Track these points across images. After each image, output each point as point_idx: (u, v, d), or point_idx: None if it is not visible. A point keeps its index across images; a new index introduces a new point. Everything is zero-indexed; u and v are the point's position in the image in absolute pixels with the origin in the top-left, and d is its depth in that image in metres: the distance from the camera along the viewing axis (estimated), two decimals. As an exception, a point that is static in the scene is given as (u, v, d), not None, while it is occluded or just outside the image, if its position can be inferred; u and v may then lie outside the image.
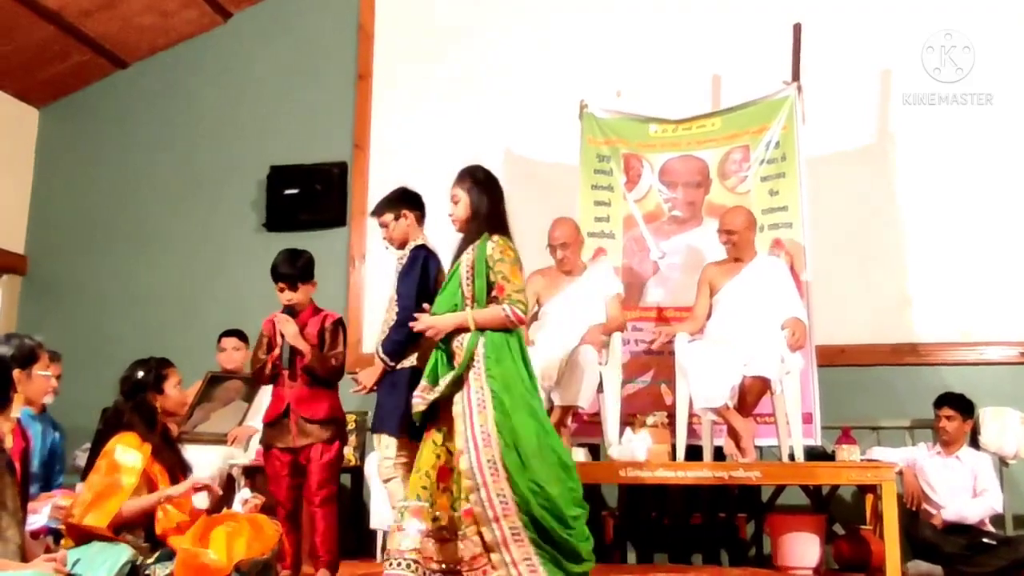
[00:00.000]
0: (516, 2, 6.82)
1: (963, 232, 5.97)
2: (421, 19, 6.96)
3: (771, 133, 5.62)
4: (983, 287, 5.89)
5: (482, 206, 3.77)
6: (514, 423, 3.47)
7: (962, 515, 4.87)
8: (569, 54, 6.62)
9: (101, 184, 7.27)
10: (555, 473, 3.48)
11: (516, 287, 3.63)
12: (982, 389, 5.42)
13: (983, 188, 6.00)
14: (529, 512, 3.38)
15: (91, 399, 5.33)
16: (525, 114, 6.60)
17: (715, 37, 6.44)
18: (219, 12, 7.17)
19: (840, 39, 6.25)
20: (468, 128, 6.64)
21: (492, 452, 3.45)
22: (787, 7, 6.15)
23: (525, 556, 3.39)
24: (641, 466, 4.77)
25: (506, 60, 6.74)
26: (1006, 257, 5.91)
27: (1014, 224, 5.94)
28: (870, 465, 4.76)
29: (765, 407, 5.11)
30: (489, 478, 3.44)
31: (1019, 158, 6.00)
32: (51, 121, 7.47)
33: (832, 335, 5.67)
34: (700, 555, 5.52)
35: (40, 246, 7.26)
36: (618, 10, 6.62)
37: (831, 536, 5.13)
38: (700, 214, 5.77)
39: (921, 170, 6.08)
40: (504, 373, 3.55)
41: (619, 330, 5.24)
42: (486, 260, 3.65)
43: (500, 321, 3.59)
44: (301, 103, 7.04)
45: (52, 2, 6.45)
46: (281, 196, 6.79)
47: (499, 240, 3.69)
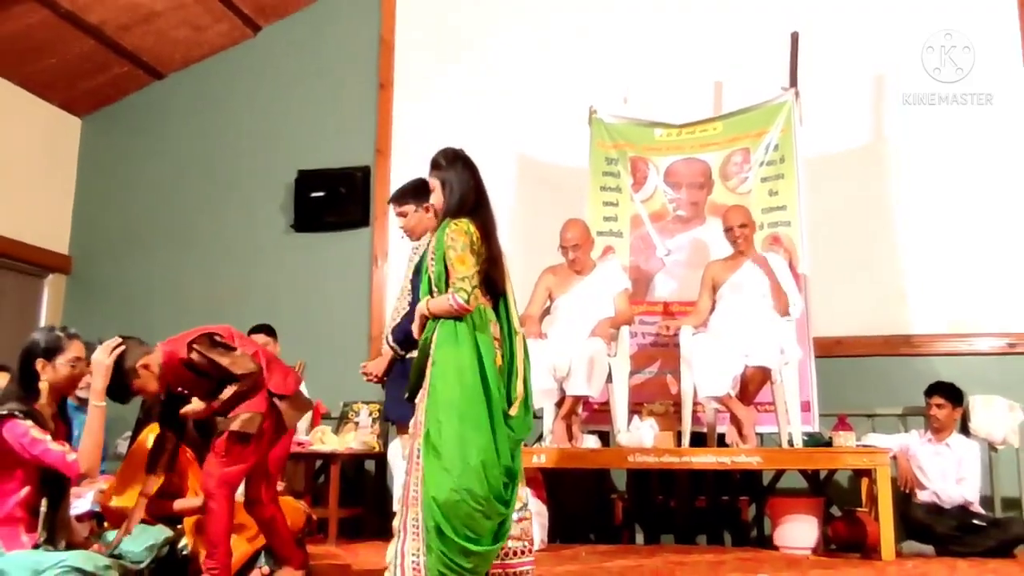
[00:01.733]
0: (528, 15, 6.82)
1: (953, 229, 5.95)
2: (439, 31, 6.98)
3: (770, 136, 5.62)
4: (972, 281, 5.87)
5: (449, 190, 3.43)
6: (438, 412, 3.18)
7: (940, 498, 4.87)
8: (578, 63, 6.61)
9: (140, 189, 7.32)
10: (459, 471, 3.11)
11: (461, 274, 3.26)
12: (971, 378, 5.41)
13: (972, 187, 5.97)
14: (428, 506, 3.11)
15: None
16: (537, 120, 6.61)
17: (717, 45, 6.43)
18: (249, 25, 7.20)
19: (835, 46, 6.23)
20: (483, 133, 6.63)
21: (419, 440, 3.22)
22: (785, 16, 6.16)
23: (414, 551, 3.13)
24: (648, 452, 4.78)
25: (519, 69, 6.74)
26: (994, 252, 5.88)
27: (1002, 221, 5.91)
28: (865, 451, 4.76)
29: (765, 396, 5.12)
30: (414, 464, 3.22)
31: (1006, 158, 5.97)
32: (93, 130, 7.52)
33: (829, 327, 5.67)
34: (704, 536, 5.54)
35: (83, 247, 7.31)
36: (625, 21, 6.61)
37: (828, 518, 5.12)
38: (703, 213, 5.78)
39: (913, 170, 6.06)
40: (444, 360, 3.24)
41: (627, 324, 5.24)
42: (443, 247, 3.34)
43: (447, 309, 3.26)
44: (326, 111, 7.06)
45: (93, 17, 6.50)
46: (308, 199, 6.82)
47: (454, 225, 3.34)
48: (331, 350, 6.34)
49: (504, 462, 3.19)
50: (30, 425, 3.11)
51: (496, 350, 3.32)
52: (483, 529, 3.12)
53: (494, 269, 3.39)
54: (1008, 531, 4.77)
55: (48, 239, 7.10)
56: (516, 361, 3.36)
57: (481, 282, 3.33)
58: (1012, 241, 5.87)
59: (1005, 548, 4.71)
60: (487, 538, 3.14)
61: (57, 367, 3.26)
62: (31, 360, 3.24)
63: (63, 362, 3.26)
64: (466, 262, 3.28)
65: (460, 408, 3.18)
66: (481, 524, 3.11)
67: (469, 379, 3.21)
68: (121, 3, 6.48)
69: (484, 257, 3.34)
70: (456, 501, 3.07)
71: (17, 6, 6.12)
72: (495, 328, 3.36)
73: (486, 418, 3.19)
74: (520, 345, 3.40)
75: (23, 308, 6.89)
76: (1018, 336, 5.77)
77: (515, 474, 3.26)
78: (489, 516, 3.13)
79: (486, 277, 3.36)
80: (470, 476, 3.10)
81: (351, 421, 5.83)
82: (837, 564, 4.29)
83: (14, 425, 3.10)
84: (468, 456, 3.12)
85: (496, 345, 3.32)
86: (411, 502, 3.17)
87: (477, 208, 3.41)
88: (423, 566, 3.09)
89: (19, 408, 3.15)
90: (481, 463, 3.12)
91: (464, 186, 3.41)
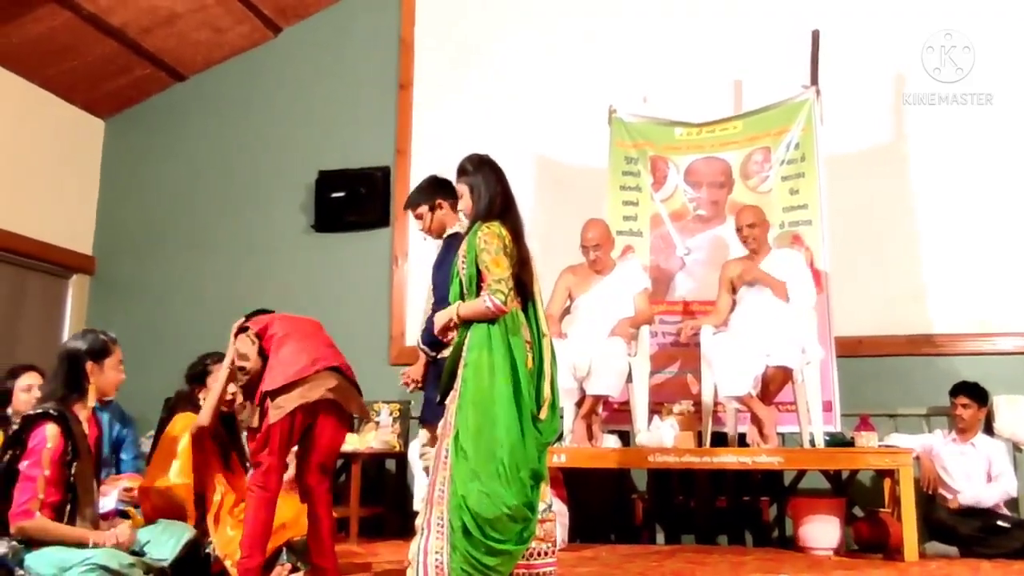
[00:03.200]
0: (546, 16, 6.80)
1: (975, 226, 5.89)
2: (458, 32, 6.97)
3: (791, 135, 5.59)
4: (995, 279, 5.81)
5: (478, 195, 3.46)
6: (469, 414, 3.19)
7: (979, 499, 4.81)
8: (597, 62, 6.59)
9: (162, 189, 7.36)
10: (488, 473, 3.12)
11: (496, 276, 3.27)
12: (996, 378, 5.35)
13: (994, 184, 5.91)
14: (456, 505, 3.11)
15: (153, 389, 5.38)
16: (555, 121, 6.58)
17: (736, 44, 6.39)
18: (270, 27, 7.22)
19: (856, 44, 6.18)
20: (502, 134, 6.64)
21: (448, 441, 3.21)
22: (805, 14, 6.12)
23: (437, 549, 3.12)
24: (669, 452, 4.77)
25: (537, 70, 6.73)
26: (1017, 250, 5.82)
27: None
28: (888, 451, 4.73)
29: (787, 396, 5.09)
30: (441, 463, 3.21)
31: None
32: (115, 131, 7.56)
33: (850, 327, 5.62)
34: (725, 537, 5.50)
35: (107, 248, 7.36)
36: (644, 20, 6.58)
37: (851, 518, 5.09)
38: (723, 212, 5.74)
39: (934, 168, 6.00)
40: (477, 363, 3.24)
41: (647, 323, 5.23)
42: (475, 250, 3.35)
43: (482, 312, 3.27)
44: (346, 112, 7.08)
45: (115, 20, 6.53)
46: (328, 199, 6.84)
47: (486, 228, 3.36)
48: (351, 350, 6.20)
49: (531, 465, 3.19)
50: (50, 448, 3.16)
51: (527, 353, 3.32)
52: (509, 531, 3.12)
53: (524, 271, 3.38)
54: (1033, 533, 4.72)
55: (72, 240, 7.15)
56: (544, 364, 3.36)
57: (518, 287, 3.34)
58: (1036, 239, 5.82)
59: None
60: (513, 539, 3.13)
61: (105, 370, 3.35)
62: (80, 363, 3.32)
63: (110, 365, 3.38)
64: (501, 264, 3.29)
65: (491, 411, 3.18)
66: (508, 526, 3.11)
67: (501, 382, 3.20)
68: (143, 6, 6.51)
69: (515, 260, 3.34)
70: (484, 503, 3.07)
71: (40, 8, 6.16)
72: (526, 331, 3.36)
73: (516, 421, 3.18)
74: (548, 348, 3.40)
75: (48, 308, 6.94)
76: (1043, 335, 5.71)
77: (541, 477, 3.26)
78: (516, 518, 3.12)
79: (518, 280, 3.35)
80: (499, 478, 3.11)
81: (372, 421, 5.83)
82: (859, 565, 4.26)
83: (42, 433, 3.17)
84: (497, 458, 3.12)
85: (527, 348, 3.32)
86: (436, 500, 3.16)
87: (506, 211, 3.42)
88: (446, 565, 3.08)
89: (55, 408, 3.23)
90: (510, 466, 3.13)
91: (492, 190, 3.42)
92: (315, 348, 3.55)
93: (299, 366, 3.42)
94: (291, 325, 3.63)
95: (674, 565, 4.15)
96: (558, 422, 3.43)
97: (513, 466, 3.14)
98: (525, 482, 3.16)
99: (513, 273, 3.32)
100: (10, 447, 3.21)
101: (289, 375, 3.38)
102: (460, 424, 3.18)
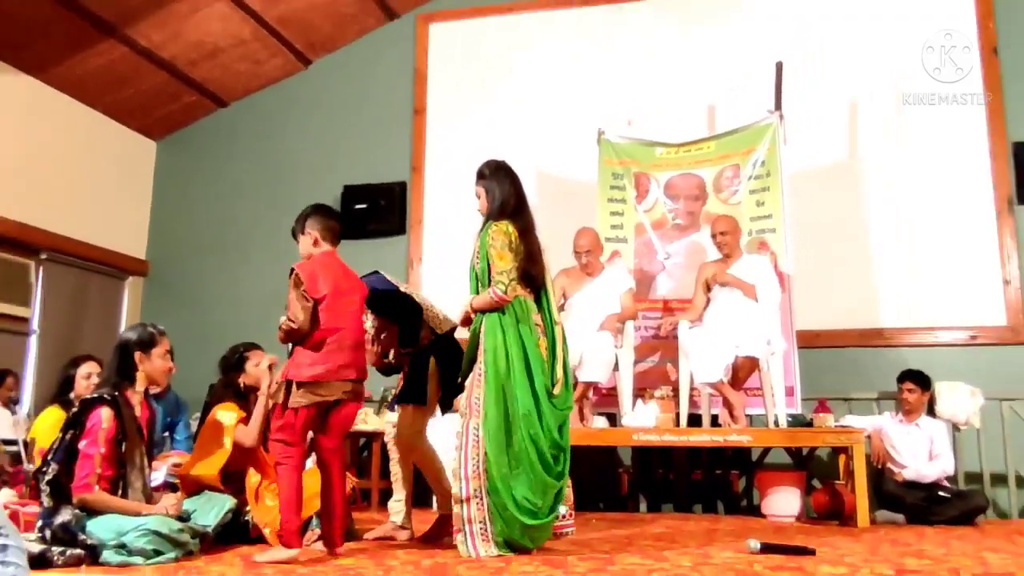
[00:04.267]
0: (544, 50, 6.81)
1: (920, 234, 5.90)
2: (466, 63, 6.98)
3: (757, 154, 5.58)
4: (937, 281, 5.82)
5: (492, 197, 3.42)
6: (492, 394, 3.18)
7: (921, 476, 4.81)
8: (589, 91, 6.60)
9: (206, 202, 7.37)
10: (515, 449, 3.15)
11: (500, 268, 3.26)
12: (937, 366, 5.34)
13: (936, 198, 5.92)
14: (492, 479, 3.12)
15: (198, 376, 5.39)
16: (552, 141, 6.60)
17: (709, 74, 6.40)
18: (301, 60, 7.23)
19: (815, 75, 6.19)
20: (505, 152, 6.52)
21: (477, 420, 3.19)
22: (770, 47, 6.13)
23: (481, 519, 3.12)
24: (650, 431, 4.77)
25: (535, 97, 6.74)
26: (957, 254, 5.83)
27: (963, 226, 5.85)
28: (842, 431, 4.72)
29: (754, 382, 5.09)
30: (471, 441, 3.18)
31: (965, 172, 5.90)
32: (166, 151, 7.58)
33: (810, 322, 5.63)
34: (700, 505, 5.51)
35: (159, 253, 7.37)
36: (629, 55, 6.60)
37: (810, 489, 5.09)
38: (698, 222, 5.74)
39: (884, 183, 6.02)
40: (494, 348, 3.22)
41: (632, 319, 5.23)
42: (485, 245, 3.34)
43: (488, 302, 3.26)
44: (368, 134, 7.08)
45: (166, 53, 6.55)
46: (352, 210, 6.84)
47: (495, 226, 3.34)
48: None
49: (552, 436, 3.21)
50: (105, 428, 3.16)
51: (540, 336, 3.32)
52: (541, 500, 3.15)
53: (533, 265, 3.36)
54: (970, 502, 4.72)
55: (128, 246, 7.17)
56: (557, 347, 3.36)
57: (521, 277, 3.32)
58: (972, 243, 5.82)
59: (968, 517, 4.66)
60: (544, 509, 3.17)
61: (153, 359, 3.34)
62: (130, 353, 3.31)
63: (157, 354, 3.36)
64: (504, 258, 3.28)
65: (510, 390, 3.19)
66: (538, 496, 3.14)
67: (516, 364, 3.22)
68: (190, 41, 6.53)
69: (523, 255, 3.32)
70: (514, 476, 3.11)
71: (101, 44, 6.18)
72: (538, 318, 3.36)
73: (530, 398, 3.19)
74: (560, 334, 3.39)
75: (107, 306, 6.95)
76: (979, 329, 5.71)
77: (563, 448, 3.27)
78: (545, 488, 3.15)
79: (526, 273, 3.33)
80: (524, 452, 3.14)
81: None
82: (817, 530, 4.26)
83: (98, 415, 3.17)
84: (521, 433, 3.15)
85: (540, 332, 3.32)
86: (472, 476, 3.15)
87: (517, 211, 3.40)
88: (491, 532, 3.12)
89: (108, 393, 3.23)
90: (531, 438, 3.15)
91: (505, 193, 3.41)
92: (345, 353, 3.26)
93: (326, 367, 3.19)
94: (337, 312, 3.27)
95: (655, 530, 4.15)
96: (572, 397, 3.45)
97: (533, 438, 3.15)
98: (546, 453, 3.18)
99: (519, 267, 3.31)
100: (70, 428, 3.21)
101: (316, 373, 3.18)
102: (487, 404, 3.18)
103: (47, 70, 6.25)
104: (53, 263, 6.37)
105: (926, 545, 3.59)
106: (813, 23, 6.30)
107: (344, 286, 3.34)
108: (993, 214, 5.81)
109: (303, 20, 6.82)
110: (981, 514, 4.74)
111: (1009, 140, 5.85)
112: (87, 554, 2.98)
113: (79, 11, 5.82)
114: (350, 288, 3.38)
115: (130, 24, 6.14)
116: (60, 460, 3.16)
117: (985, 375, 5.38)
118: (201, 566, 2.97)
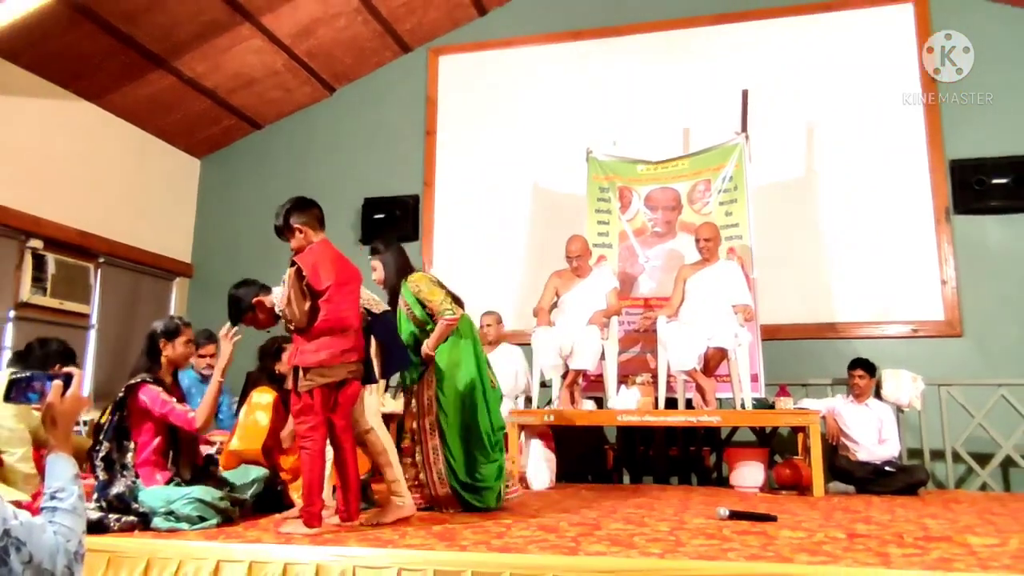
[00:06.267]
0: (541, 80, 6.80)
1: (868, 240, 5.89)
2: (472, 91, 6.97)
3: (726, 170, 5.58)
4: (884, 281, 5.82)
5: (390, 267, 3.62)
6: (447, 394, 3.50)
7: (872, 456, 4.81)
8: (579, 114, 6.60)
9: (244, 213, 7.34)
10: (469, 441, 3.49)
11: (438, 300, 3.50)
12: (883, 355, 5.36)
13: (883, 207, 5.91)
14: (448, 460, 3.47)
15: (238, 366, 5.36)
16: (547, 159, 6.59)
17: (684, 101, 6.39)
18: (327, 88, 7.22)
19: (777, 100, 6.18)
20: (506, 169, 6.66)
21: (432, 418, 3.50)
22: (737, 77, 6.12)
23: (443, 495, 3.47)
24: (633, 413, 4.77)
25: (533, 119, 6.73)
26: (900, 257, 5.82)
27: (906, 231, 5.84)
28: (801, 412, 4.73)
29: (723, 370, 5.08)
30: (428, 434, 3.50)
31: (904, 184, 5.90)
32: (208, 168, 7.56)
33: (772, 316, 5.63)
34: (676, 478, 5.50)
35: (202, 257, 7.36)
36: (615, 84, 6.59)
37: (772, 464, 5.08)
38: (675, 230, 5.74)
39: (837, 196, 6.01)
40: (449, 359, 3.54)
41: (616, 314, 5.23)
42: (414, 296, 3.54)
43: (444, 331, 3.50)
44: (385, 152, 7.08)
45: (208, 83, 6.55)
46: (372, 220, 6.83)
47: (412, 278, 3.57)
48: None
49: (496, 420, 3.57)
50: (160, 390, 3.15)
51: (483, 346, 3.75)
52: (490, 471, 3.49)
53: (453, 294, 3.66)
54: (913, 476, 4.72)
55: (176, 251, 7.16)
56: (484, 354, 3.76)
57: (453, 301, 3.56)
58: (914, 248, 5.81)
59: (911, 488, 4.66)
60: (492, 476, 3.50)
61: (175, 346, 3.32)
62: (156, 340, 3.30)
63: (180, 342, 3.34)
64: (435, 293, 3.53)
65: (464, 388, 3.51)
66: (489, 468, 3.49)
67: (472, 368, 3.55)
68: (230, 72, 6.52)
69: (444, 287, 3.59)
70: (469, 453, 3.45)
71: (151, 74, 6.18)
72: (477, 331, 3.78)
73: (480, 392, 3.54)
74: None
75: (157, 304, 6.94)
76: (920, 323, 5.71)
77: (502, 426, 3.66)
78: (491, 460, 3.50)
79: (455, 298, 3.59)
80: (476, 436, 3.49)
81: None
82: (779, 499, 4.26)
83: (148, 389, 3.15)
84: (472, 421, 3.49)
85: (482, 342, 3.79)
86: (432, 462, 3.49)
87: (409, 270, 3.64)
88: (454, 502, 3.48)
89: (149, 376, 3.22)
90: (481, 423, 3.50)
91: (399, 261, 3.65)
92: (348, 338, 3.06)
93: (330, 353, 2.99)
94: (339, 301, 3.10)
95: (637, 500, 4.15)
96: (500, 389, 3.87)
97: (481, 423, 3.49)
98: (491, 433, 3.52)
99: (448, 293, 3.56)
100: (117, 410, 3.17)
101: (321, 359, 2.97)
102: (443, 402, 3.48)
103: (104, 97, 6.25)
104: (110, 266, 6.36)
105: (874, 512, 3.60)
106: (774, 56, 6.30)
107: (344, 276, 3.17)
108: (932, 223, 5.81)
109: (328, 53, 6.81)
110: (922, 486, 4.74)
111: (946, 158, 5.85)
112: (139, 520, 2.98)
113: (133, 46, 5.83)
114: (349, 277, 3.24)
115: (177, 57, 6.14)
116: (111, 439, 3.15)
117: (925, 363, 5.38)
118: (240, 531, 2.97)
